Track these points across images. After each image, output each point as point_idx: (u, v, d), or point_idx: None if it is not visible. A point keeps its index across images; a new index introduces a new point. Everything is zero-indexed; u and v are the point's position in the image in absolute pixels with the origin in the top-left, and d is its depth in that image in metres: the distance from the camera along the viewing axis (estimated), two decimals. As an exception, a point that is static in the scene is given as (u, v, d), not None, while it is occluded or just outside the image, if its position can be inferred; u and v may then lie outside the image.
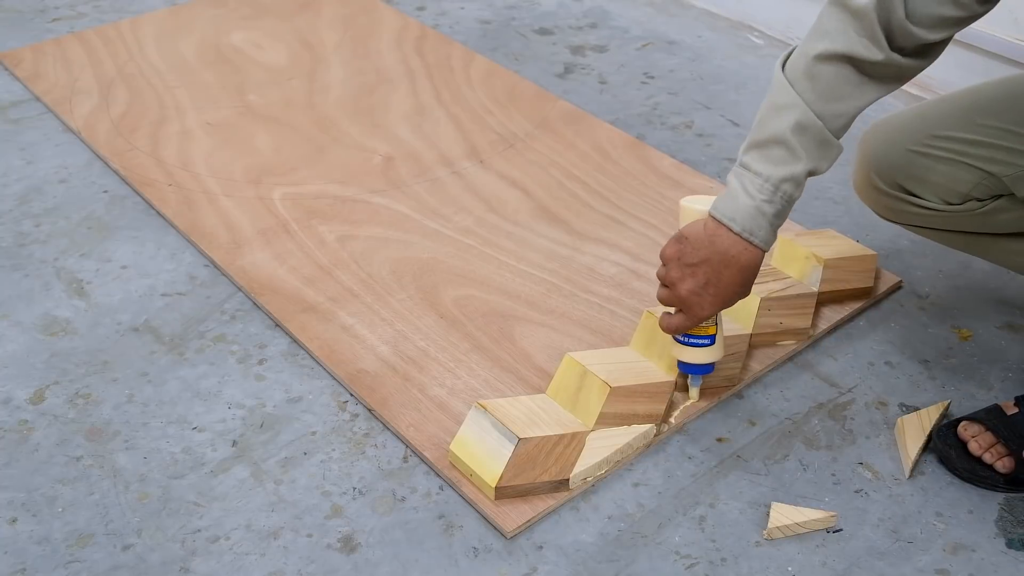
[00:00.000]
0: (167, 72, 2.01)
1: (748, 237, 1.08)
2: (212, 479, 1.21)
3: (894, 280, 1.50)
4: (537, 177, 1.72)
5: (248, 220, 1.60)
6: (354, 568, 1.11)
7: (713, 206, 1.10)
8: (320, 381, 1.34)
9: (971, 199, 1.23)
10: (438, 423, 1.26)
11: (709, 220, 1.10)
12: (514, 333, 1.40)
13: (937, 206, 1.25)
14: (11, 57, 2.06)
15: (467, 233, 1.58)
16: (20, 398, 1.31)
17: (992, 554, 1.14)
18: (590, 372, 1.22)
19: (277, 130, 1.84)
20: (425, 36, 2.17)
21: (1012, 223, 1.24)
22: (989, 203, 1.23)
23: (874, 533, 1.16)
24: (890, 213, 1.32)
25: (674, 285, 1.14)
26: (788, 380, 1.35)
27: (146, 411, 1.29)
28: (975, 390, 1.34)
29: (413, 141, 1.81)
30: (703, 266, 1.11)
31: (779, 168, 1.06)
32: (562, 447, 1.17)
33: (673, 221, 1.61)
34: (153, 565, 1.11)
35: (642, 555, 1.13)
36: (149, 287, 1.49)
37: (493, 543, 1.14)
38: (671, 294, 1.15)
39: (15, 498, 1.18)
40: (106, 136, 1.81)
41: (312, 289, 1.46)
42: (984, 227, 1.26)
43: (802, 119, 1.05)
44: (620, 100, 1.99)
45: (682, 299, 1.14)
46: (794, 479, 1.22)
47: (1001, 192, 1.22)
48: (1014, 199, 1.21)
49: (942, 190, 1.24)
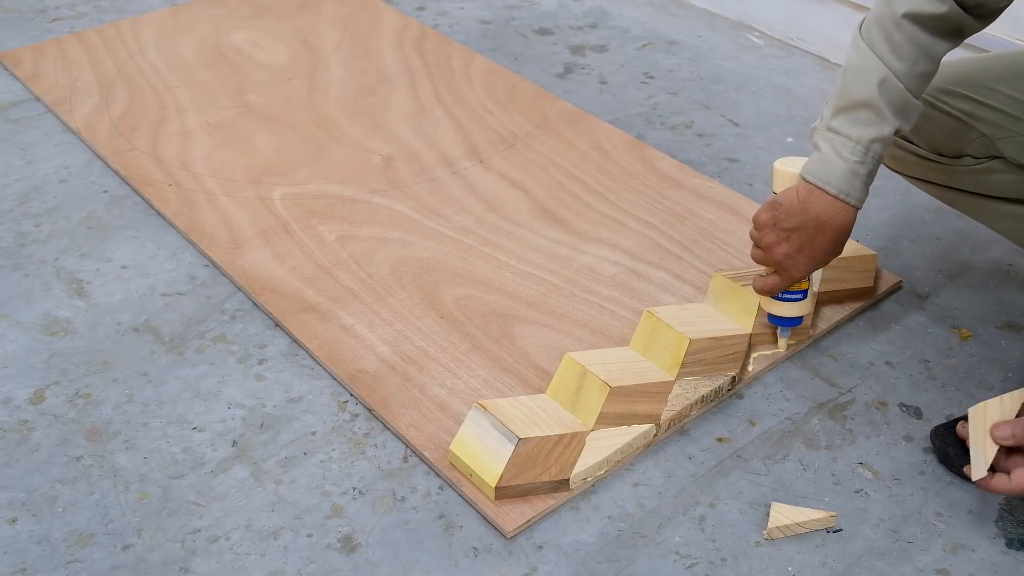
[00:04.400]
0: (167, 72, 2.01)
1: (844, 198, 1.13)
2: (212, 479, 1.21)
3: (894, 280, 1.50)
4: (537, 177, 1.72)
5: (248, 220, 1.60)
6: (354, 568, 1.11)
7: (806, 171, 1.15)
8: (320, 381, 1.34)
9: (966, 155, 1.27)
10: (438, 423, 1.26)
11: (803, 185, 1.15)
12: (514, 333, 1.40)
13: (931, 156, 1.30)
14: (11, 57, 2.06)
15: (467, 233, 1.58)
16: (20, 398, 1.31)
17: (992, 554, 1.14)
18: (590, 372, 1.22)
19: (277, 130, 1.84)
20: (425, 36, 2.17)
21: (1004, 186, 1.27)
22: (984, 162, 1.26)
23: (874, 533, 1.16)
24: (890, 160, 1.36)
25: (769, 249, 1.19)
26: (788, 380, 1.35)
27: (146, 411, 1.29)
28: (975, 390, 1.34)
29: (413, 141, 1.81)
30: (798, 231, 1.16)
31: (868, 130, 1.11)
32: (562, 447, 1.17)
33: (673, 220, 1.61)
34: (153, 565, 1.11)
35: (642, 555, 1.13)
36: (149, 287, 1.49)
37: (493, 543, 1.14)
38: (766, 256, 1.20)
39: (15, 498, 1.18)
40: (106, 136, 1.81)
41: (312, 289, 1.46)
42: (978, 187, 1.29)
43: (884, 81, 1.10)
44: (620, 100, 1.99)
45: (777, 262, 1.20)
46: (794, 479, 1.22)
47: (996, 154, 1.25)
48: (1007, 163, 1.24)
49: (939, 143, 1.28)
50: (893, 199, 1.70)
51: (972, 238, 1.60)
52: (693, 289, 1.48)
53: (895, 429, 1.28)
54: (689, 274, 1.50)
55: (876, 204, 1.69)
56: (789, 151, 1.83)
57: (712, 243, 1.56)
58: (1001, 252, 1.58)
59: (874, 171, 1.14)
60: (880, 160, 1.13)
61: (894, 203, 1.69)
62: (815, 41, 2.16)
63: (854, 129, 1.12)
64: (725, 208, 1.64)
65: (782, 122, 1.92)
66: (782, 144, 1.85)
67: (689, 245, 1.56)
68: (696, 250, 1.55)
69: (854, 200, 1.14)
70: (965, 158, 1.28)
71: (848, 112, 1.12)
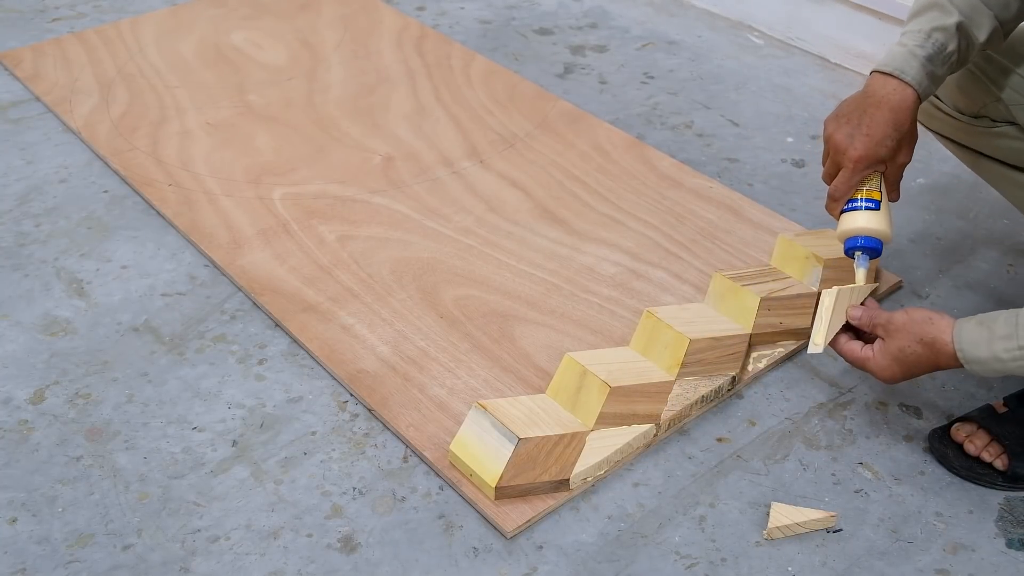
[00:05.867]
0: (167, 72, 2.01)
1: (900, 75, 1.17)
2: (212, 479, 1.21)
3: (894, 280, 1.50)
4: (537, 177, 1.72)
5: (248, 220, 1.60)
6: (354, 568, 1.11)
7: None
8: (320, 381, 1.34)
9: (984, 116, 1.29)
10: (438, 423, 1.26)
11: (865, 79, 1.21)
12: (514, 333, 1.40)
13: (952, 112, 1.32)
14: (11, 57, 2.06)
15: (467, 233, 1.58)
16: (20, 398, 1.31)
17: (992, 554, 1.14)
18: (590, 372, 1.22)
19: (277, 130, 1.84)
20: (425, 36, 2.17)
21: (1017, 154, 1.29)
22: (1001, 126, 1.28)
23: (874, 533, 1.16)
24: (922, 115, 1.38)
25: (829, 139, 1.21)
26: (788, 380, 1.35)
27: (146, 411, 1.30)
28: (975, 390, 1.34)
29: (413, 141, 1.81)
30: (855, 111, 1.19)
31: (931, 22, 1.17)
32: (562, 447, 1.17)
33: (673, 220, 1.61)
34: (153, 565, 1.11)
35: (642, 555, 1.13)
36: (149, 287, 1.49)
37: (493, 543, 1.14)
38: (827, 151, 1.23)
39: (15, 498, 1.18)
40: (106, 136, 1.81)
41: (312, 289, 1.46)
42: (995, 151, 1.31)
43: None
44: (620, 100, 1.99)
45: (835, 145, 1.20)
46: (794, 479, 1.22)
47: (1012, 120, 1.27)
48: (1021, 130, 1.26)
49: (959, 99, 1.31)
50: (893, 199, 1.70)
51: (972, 238, 1.60)
52: (693, 289, 1.48)
53: (895, 429, 1.28)
54: (689, 274, 1.50)
55: (876, 204, 1.69)
56: (789, 151, 1.83)
57: (712, 243, 1.56)
58: (1001, 252, 1.58)
59: (936, 57, 1.17)
60: (944, 50, 1.17)
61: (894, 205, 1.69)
62: (815, 41, 2.16)
63: (917, 23, 1.18)
64: (725, 208, 1.64)
65: (782, 122, 1.92)
66: (782, 144, 1.85)
67: (689, 245, 1.56)
68: (696, 250, 1.55)
69: (909, 78, 1.16)
70: (983, 119, 1.29)
71: (916, 16, 1.19)
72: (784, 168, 1.79)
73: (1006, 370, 1.08)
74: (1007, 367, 1.07)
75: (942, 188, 1.74)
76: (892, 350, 1.14)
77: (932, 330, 1.11)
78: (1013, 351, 1.05)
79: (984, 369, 1.08)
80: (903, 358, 1.13)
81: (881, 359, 1.15)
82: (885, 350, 1.15)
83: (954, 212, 1.67)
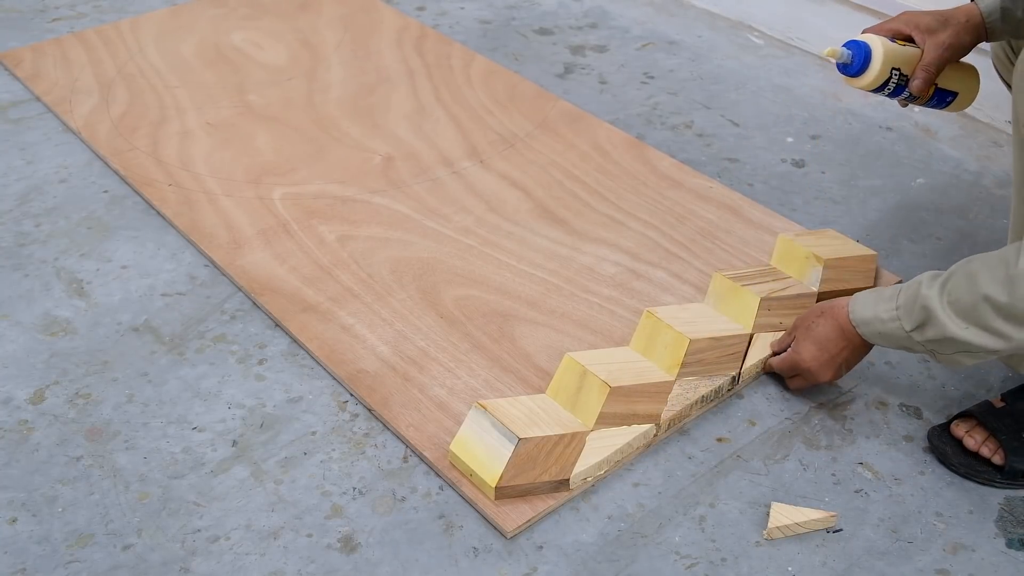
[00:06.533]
0: (167, 72, 2.01)
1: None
2: (212, 479, 1.21)
3: (894, 280, 1.50)
4: (537, 177, 1.72)
5: (248, 220, 1.60)
6: (354, 568, 1.11)
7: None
8: (320, 381, 1.34)
9: None
10: (438, 423, 1.26)
11: None
12: (514, 333, 1.40)
13: None
14: (11, 57, 2.06)
15: (467, 233, 1.58)
16: (20, 398, 1.31)
17: (992, 554, 1.14)
18: (590, 372, 1.22)
19: (277, 130, 1.84)
20: (425, 36, 2.17)
21: None
22: None
23: (874, 533, 1.16)
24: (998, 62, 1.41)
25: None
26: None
27: (146, 411, 1.29)
28: (975, 390, 1.34)
29: (413, 141, 1.81)
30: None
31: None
32: (562, 447, 1.17)
33: (673, 220, 1.61)
34: (153, 565, 1.11)
35: (642, 555, 1.13)
36: (149, 287, 1.49)
37: (493, 543, 1.14)
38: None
39: (15, 498, 1.18)
40: (106, 136, 1.81)
41: (312, 289, 1.46)
42: None
43: None
44: (620, 100, 1.99)
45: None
46: (794, 479, 1.22)
47: None
48: None
49: None
50: (893, 199, 1.70)
51: (972, 238, 1.60)
52: (693, 289, 1.48)
53: (895, 429, 1.28)
54: (689, 274, 1.50)
55: (876, 204, 1.69)
56: (789, 151, 1.83)
57: (712, 243, 1.56)
58: (1001, 252, 1.58)
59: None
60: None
61: (894, 203, 1.69)
62: (815, 41, 2.16)
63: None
64: (725, 208, 1.64)
65: (782, 122, 1.92)
66: (782, 144, 1.85)
67: (689, 245, 1.56)
68: (696, 250, 1.55)
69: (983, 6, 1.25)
70: None
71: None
72: (784, 168, 1.79)
73: (886, 331, 1.15)
74: (886, 327, 1.16)
75: (942, 188, 1.74)
76: (803, 334, 1.26)
77: (830, 302, 1.25)
78: (891, 311, 1.15)
79: (870, 331, 1.18)
80: (815, 337, 1.24)
81: (802, 349, 1.26)
82: (799, 339, 1.27)
83: (954, 212, 1.67)
